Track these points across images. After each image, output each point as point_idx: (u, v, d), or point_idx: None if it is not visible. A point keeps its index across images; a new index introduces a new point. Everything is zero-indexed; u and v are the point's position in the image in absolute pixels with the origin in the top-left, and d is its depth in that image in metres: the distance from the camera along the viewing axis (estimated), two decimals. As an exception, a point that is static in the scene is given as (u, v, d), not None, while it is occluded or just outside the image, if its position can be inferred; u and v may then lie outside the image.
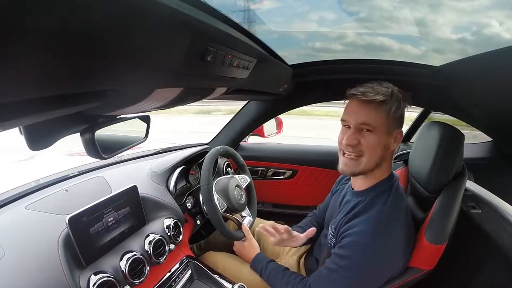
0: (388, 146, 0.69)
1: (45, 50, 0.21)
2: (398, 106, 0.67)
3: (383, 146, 0.68)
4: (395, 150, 0.74)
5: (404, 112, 0.70)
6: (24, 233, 0.62)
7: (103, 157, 0.50)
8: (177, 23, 0.34)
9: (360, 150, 0.68)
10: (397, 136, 0.70)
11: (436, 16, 0.77)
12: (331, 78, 1.09)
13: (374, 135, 0.67)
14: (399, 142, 0.70)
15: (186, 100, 0.63)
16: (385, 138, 0.68)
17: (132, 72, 0.35)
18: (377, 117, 0.66)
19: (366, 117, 0.67)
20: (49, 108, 0.32)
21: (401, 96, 0.68)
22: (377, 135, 0.67)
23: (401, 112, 0.68)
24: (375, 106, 0.66)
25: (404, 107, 0.68)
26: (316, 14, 0.84)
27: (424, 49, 0.96)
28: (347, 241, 0.67)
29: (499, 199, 0.85)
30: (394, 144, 0.70)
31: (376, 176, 0.72)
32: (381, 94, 0.66)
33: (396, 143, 0.70)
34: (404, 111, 0.69)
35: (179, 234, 0.86)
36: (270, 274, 0.81)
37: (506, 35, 0.69)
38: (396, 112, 0.67)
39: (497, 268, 0.75)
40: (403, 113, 0.69)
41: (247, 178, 1.10)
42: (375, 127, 0.66)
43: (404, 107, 0.69)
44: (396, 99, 0.67)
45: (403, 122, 0.71)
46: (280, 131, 1.65)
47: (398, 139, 0.70)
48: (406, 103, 0.69)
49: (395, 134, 0.69)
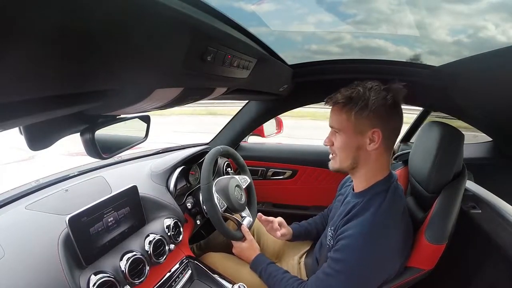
0: (361, 146, 0.68)
1: (45, 50, 0.21)
2: (364, 107, 0.65)
3: (355, 147, 0.69)
4: (396, 150, 0.74)
5: (382, 111, 0.65)
6: (24, 233, 0.62)
7: (103, 157, 0.50)
8: (177, 23, 0.34)
9: (334, 151, 0.74)
10: (374, 136, 0.67)
11: (432, 19, 0.77)
12: (331, 78, 1.09)
13: (342, 136, 0.70)
14: (378, 142, 0.67)
15: (186, 100, 0.63)
16: (356, 139, 0.68)
17: (132, 72, 0.35)
18: (340, 119, 0.69)
19: (332, 120, 0.72)
20: (49, 108, 0.32)
21: (371, 96, 0.65)
22: (344, 136, 0.70)
23: (369, 112, 0.65)
24: (338, 109, 0.70)
25: (373, 106, 0.64)
26: (313, 16, 0.84)
27: (420, 51, 0.97)
28: (341, 245, 0.67)
29: (499, 199, 0.85)
30: (372, 144, 0.67)
31: (371, 176, 0.72)
32: (342, 97, 0.68)
33: (374, 143, 0.67)
34: (379, 109, 0.65)
35: (179, 234, 0.86)
36: (270, 276, 0.81)
37: (501, 37, 0.69)
38: (362, 113, 0.65)
39: (497, 268, 0.75)
40: (381, 111, 0.65)
41: (247, 178, 1.10)
42: (340, 129, 0.70)
43: (373, 106, 0.64)
44: (360, 99, 0.65)
45: (386, 120, 0.66)
46: (280, 131, 1.65)
47: (377, 139, 0.66)
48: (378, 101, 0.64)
49: (369, 134, 0.67)
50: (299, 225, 1.04)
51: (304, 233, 1.02)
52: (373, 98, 0.65)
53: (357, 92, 0.67)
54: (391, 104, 0.65)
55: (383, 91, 0.66)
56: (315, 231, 1.03)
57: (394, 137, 0.71)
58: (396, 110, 0.68)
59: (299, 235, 1.01)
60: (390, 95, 0.65)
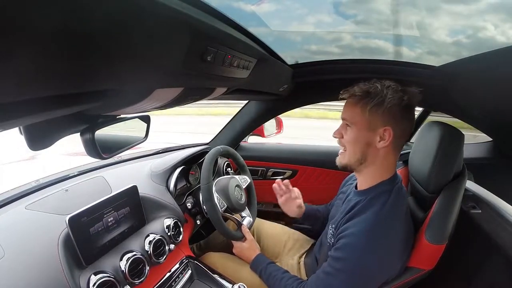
0: (371, 143, 0.68)
1: (45, 50, 0.21)
2: (380, 103, 0.65)
3: (365, 143, 0.69)
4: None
5: (397, 110, 0.65)
6: (24, 233, 0.62)
7: (103, 157, 0.50)
8: (177, 23, 0.34)
9: (344, 145, 0.73)
10: (385, 134, 0.67)
11: (432, 19, 0.77)
12: (331, 78, 1.09)
13: (353, 130, 0.70)
14: (389, 141, 0.67)
15: (186, 100, 0.63)
16: (367, 135, 0.68)
17: (132, 72, 0.35)
18: (354, 112, 0.69)
19: (346, 112, 0.72)
20: (49, 108, 0.32)
21: (388, 94, 0.65)
22: (356, 130, 0.69)
23: (384, 109, 0.65)
24: (354, 102, 0.69)
25: (389, 104, 0.65)
26: (313, 16, 0.84)
27: (419, 52, 0.97)
28: (342, 243, 0.67)
29: (499, 199, 0.85)
30: (381, 142, 0.67)
31: (377, 175, 0.72)
32: (360, 90, 0.67)
33: (384, 141, 0.67)
34: (394, 108, 0.65)
35: (179, 234, 0.86)
36: (270, 276, 0.81)
37: (501, 38, 0.69)
38: (378, 109, 0.66)
39: (497, 268, 0.75)
40: (395, 110, 0.65)
41: (247, 178, 1.10)
42: (353, 122, 0.70)
43: (389, 104, 0.65)
44: (378, 96, 0.65)
45: (399, 120, 0.66)
46: (280, 131, 1.64)
47: (387, 137, 0.67)
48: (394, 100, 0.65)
49: (380, 132, 0.67)
50: (311, 207, 1.05)
51: (314, 217, 1.03)
52: (390, 97, 0.65)
53: (374, 88, 0.67)
54: (405, 105, 0.66)
55: (400, 91, 0.66)
56: (322, 219, 1.03)
57: (404, 138, 0.71)
58: (409, 112, 0.68)
59: (308, 216, 1.02)
60: (406, 96, 0.66)
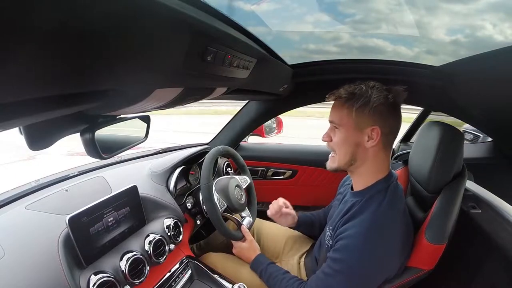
0: (360, 143, 0.69)
1: (45, 50, 0.21)
2: (366, 103, 0.66)
3: (354, 143, 0.69)
4: (396, 150, 0.74)
5: (383, 109, 0.66)
6: (24, 233, 0.62)
7: (103, 157, 0.50)
8: (177, 23, 0.34)
9: (333, 148, 0.74)
10: (373, 133, 0.67)
11: (431, 18, 0.77)
12: (331, 78, 1.10)
13: (341, 132, 0.70)
14: (377, 140, 0.67)
15: (186, 100, 0.63)
16: (355, 135, 0.68)
17: (132, 72, 0.35)
18: (341, 114, 0.70)
19: (333, 115, 0.72)
20: (49, 108, 0.32)
21: (373, 94, 0.66)
22: (344, 131, 0.70)
23: (370, 109, 0.66)
24: (340, 104, 0.70)
25: (375, 103, 0.65)
26: (311, 16, 0.84)
27: (417, 51, 0.97)
28: (341, 244, 0.67)
29: (499, 199, 0.85)
30: (370, 142, 0.68)
31: (370, 175, 0.72)
32: (345, 92, 0.68)
33: (373, 140, 0.67)
34: (380, 108, 0.66)
35: (179, 234, 0.86)
36: (270, 276, 0.81)
37: (499, 37, 0.69)
38: (364, 109, 0.66)
39: (497, 268, 0.76)
40: (381, 109, 0.66)
41: (248, 179, 1.10)
42: (340, 124, 0.70)
43: (374, 104, 0.65)
44: (363, 96, 0.66)
45: (385, 119, 0.67)
46: (280, 131, 1.65)
47: (375, 136, 0.67)
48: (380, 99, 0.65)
49: (368, 131, 0.67)
50: (304, 214, 1.06)
51: (308, 224, 1.03)
52: (375, 96, 0.66)
53: (360, 89, 0.68)
54: (391, 103, 0.67)
55: (385, 90, 0.67)
56: (318, 225, 1.03)
57: (392, 136, 0.71)
58: (396, 110, 0.69)
59: (303, 224, 1.03)
60: (391, 95, 0.67)
